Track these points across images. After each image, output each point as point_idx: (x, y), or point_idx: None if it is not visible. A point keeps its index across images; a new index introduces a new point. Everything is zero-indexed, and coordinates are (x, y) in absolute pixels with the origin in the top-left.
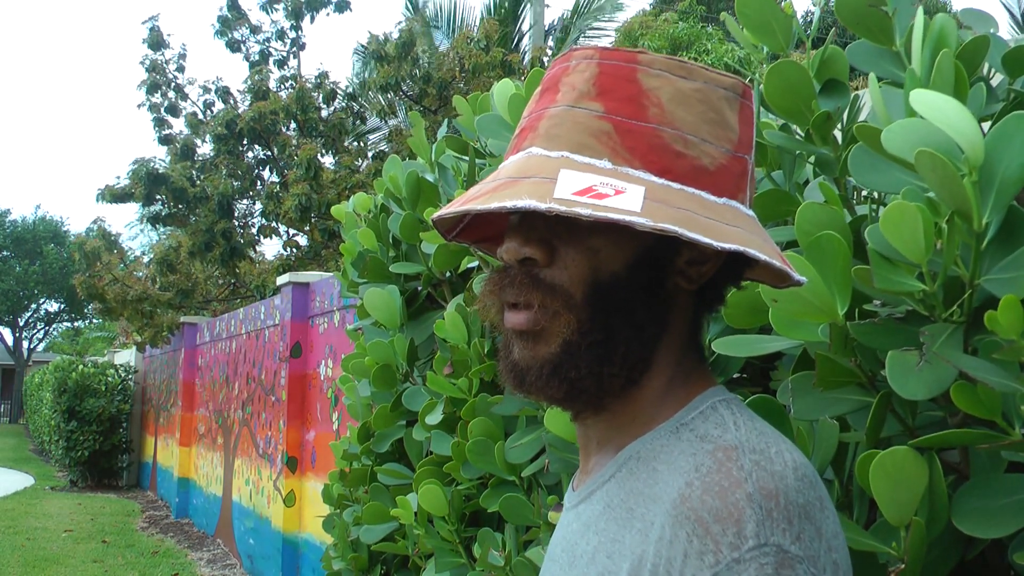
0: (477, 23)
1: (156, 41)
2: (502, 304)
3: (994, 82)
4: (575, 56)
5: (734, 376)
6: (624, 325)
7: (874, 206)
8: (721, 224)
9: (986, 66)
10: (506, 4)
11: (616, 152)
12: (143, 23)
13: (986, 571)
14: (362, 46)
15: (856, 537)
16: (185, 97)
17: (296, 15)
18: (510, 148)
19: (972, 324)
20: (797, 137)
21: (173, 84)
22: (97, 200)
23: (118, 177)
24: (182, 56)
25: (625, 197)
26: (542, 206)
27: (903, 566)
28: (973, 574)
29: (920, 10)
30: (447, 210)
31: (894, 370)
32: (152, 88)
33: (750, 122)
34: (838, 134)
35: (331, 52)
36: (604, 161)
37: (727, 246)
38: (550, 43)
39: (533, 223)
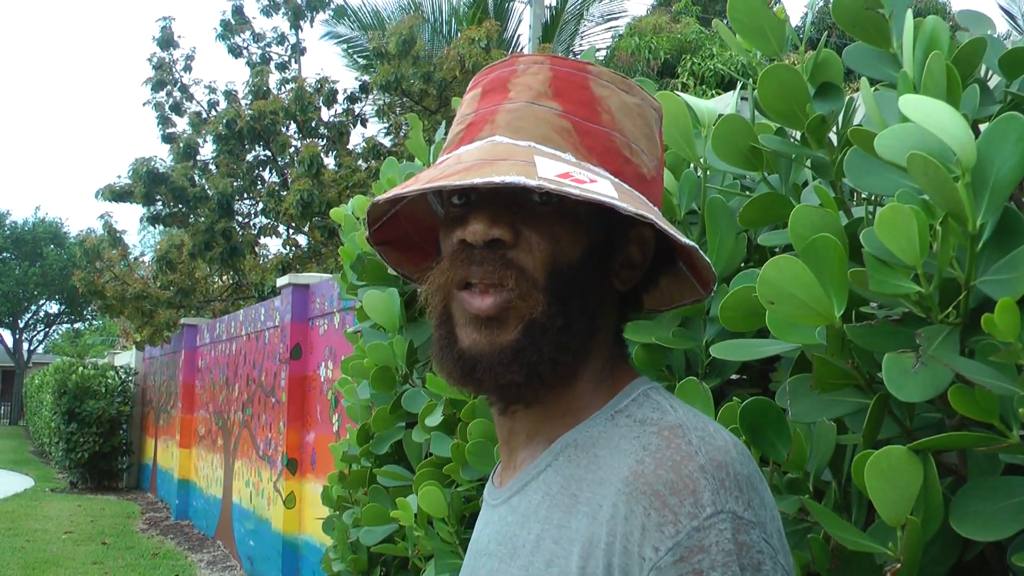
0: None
1: (167, 40)
2: (450, 289)
3: (992, 84)
4: (522, 61)
5: (732, 377)
6: (580, 314)
7: (871, 208)
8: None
9: (983, 68)
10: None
11: (577, 149)
12: (156, 21)
13: (986, 572)
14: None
15: (853, 538)
16: (191, 97)
17: (296, 15)
18: (457, 139)
19: (968, 326)
20: (793, 141)
21: (179, 84)
22: (96, 198)
23: (119, 176)
24: (190, 57)
25: (599, 185)
26: (532, 183)
27: (899, 566)
28: (972, 574)
29: (909, 13)
30: (408, 189)
31: (891, 372)
32: (158, 85)
33: (662, 144)
34: (834, 137)
35: (332, 58)
36: (568, 155)
37: (688, 242)
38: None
39: (496, 206)
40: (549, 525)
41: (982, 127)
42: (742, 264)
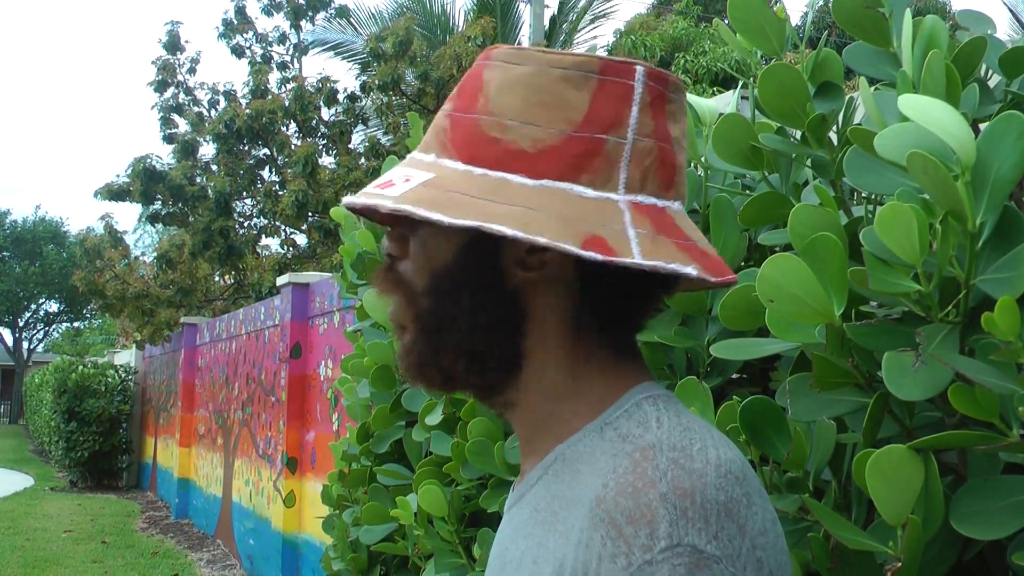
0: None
1: (173, 43)
2: None
3: (992, 83)
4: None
5: (733, 377)
6: (456, 315)
7: (871, 207)
8: (491, 203)
9: (984, 67)
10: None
11: (443, 146)
12: (164, 25)
13: (985, 571)
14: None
15: (853, 537)
16: (196, 101)
17: (296, 15)
18: None
19: (968, 324)
20: (793, 140)
21: (183, 86)
22: (95, 198)
23: (117, 175)
24: (195, 61)
25: (402, 185)
26: (347, 200)
27: (900, 564)
28: (973, 574)
29: (908, 12)
30: (350, 201)
31: (890, 371)
32: (161, 86)
33: (623, 100)
34: (834, 136)
35: (332, 58)
36: (431, 155)
37: (456, 221)
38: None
39: (396, 221)
40: (532, 543)
41: (983, 126)
42: (742, 263)
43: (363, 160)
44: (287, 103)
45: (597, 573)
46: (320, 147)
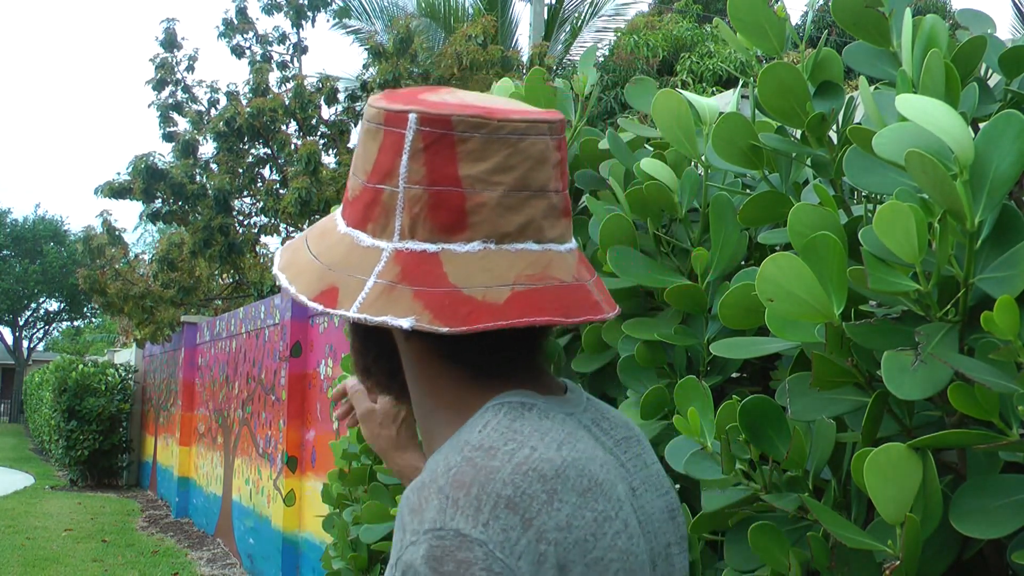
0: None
1: (170, 41)
2: None
3: (992, 82)
4: None
5: (733, 376)
6: (367, 345)
7: (870, 207)
8: (305, 255)
9: (984, 67)
10: None
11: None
12: (160, 23)
13: (985, 570)
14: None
15: (853, 536)
16: (194, 99)
17: (298, 14)
18: None
19: (968, 323)
20: (793, 139)
21: (182, 83)
22: (96, 195)
23: (118, 173)
24: (192, 58)
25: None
26: (275, 273)
27: (898, 563)
28: (972, 573)
29: (908, 11)
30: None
31: (890, 370)
32: (159, 84)
33: (396, 149)
34: (834, 135)
35: (333, 57)
36: (337, 216)
37: (276, 272)
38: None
39: None
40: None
41: (983, 125)
42: (742, 262)
43: None
44: (287, 101)
45: (397, 559)
46: (320, 146)
